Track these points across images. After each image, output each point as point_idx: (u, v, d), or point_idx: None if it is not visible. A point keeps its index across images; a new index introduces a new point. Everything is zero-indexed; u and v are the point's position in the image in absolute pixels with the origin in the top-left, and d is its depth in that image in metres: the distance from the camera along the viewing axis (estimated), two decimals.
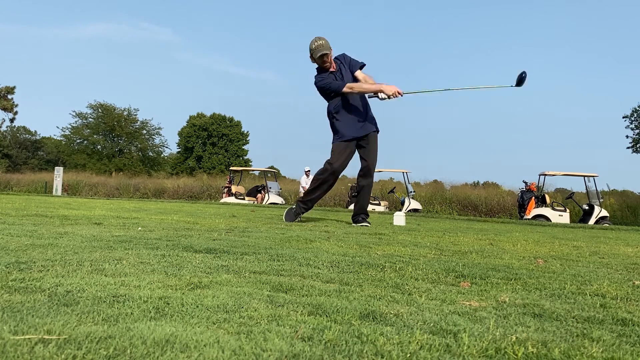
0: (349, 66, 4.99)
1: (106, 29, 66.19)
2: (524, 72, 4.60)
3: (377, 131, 4.97)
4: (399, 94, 4.73)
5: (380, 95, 4.77)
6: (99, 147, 41.86)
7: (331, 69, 4.93)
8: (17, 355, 0.79)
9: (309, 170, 17.60)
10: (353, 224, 4.85)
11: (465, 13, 68.30)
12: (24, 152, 50.47)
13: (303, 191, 17.16)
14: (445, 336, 1.02)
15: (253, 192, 18.08)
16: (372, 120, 4.98)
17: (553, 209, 14.14)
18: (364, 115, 4.91)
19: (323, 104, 5.03)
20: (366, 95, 4.97)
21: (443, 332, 1.05)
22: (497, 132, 61.01)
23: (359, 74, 4.97)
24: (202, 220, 4.34)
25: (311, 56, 4.90)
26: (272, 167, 27.11)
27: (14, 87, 33.75)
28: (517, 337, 1.02)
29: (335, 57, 5.01)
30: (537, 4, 65.49)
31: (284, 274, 1.67)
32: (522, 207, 14.51)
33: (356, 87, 4.82)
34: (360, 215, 4.97)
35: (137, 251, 2.05)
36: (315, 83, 4.93)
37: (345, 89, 4.79)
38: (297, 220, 4.93)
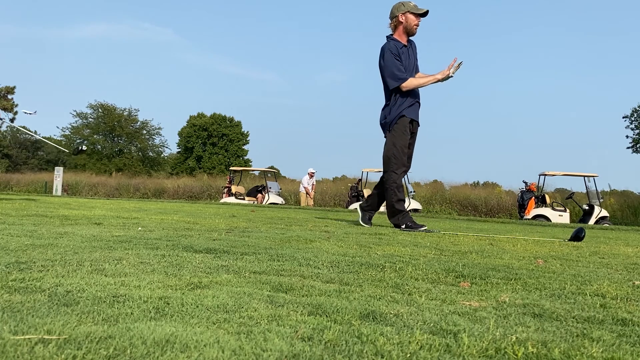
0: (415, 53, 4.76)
1: (107, 29, 66.25)
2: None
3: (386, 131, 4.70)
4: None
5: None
6: (99, 147, 41.84)
7: (405, 43, 4.65)
8: (17, 355, 0.79)
9: (313, 172, 17.35)
10: (361, 222, 4.77)
11: (464, 12, 68.34)
12: (24, 152, 50.47)
13: (304, 192, 17.13)
14: (445, 336, 1.02)
15: (253, 192, 18.06)
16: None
17: (553, 209, 14.14)
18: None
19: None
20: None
21: (443, 332, 1.05)
22: (497, 132, 60.99)
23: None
24: (202, 220, 4.34)
25: (402, 14, 4.56)
26: (272, 167, 27.12)
27: (14, 87, 33.77)
28: (517, 337, 1.02)
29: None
30: (537, 3, 65.54)
31: (284, 274, 1.67)
32: (522, 207, 14.52)
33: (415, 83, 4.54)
34: (371, 212, 4.84)
35: (137, 251, 2.05)
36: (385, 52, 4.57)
37: (405, 84, 4.49)
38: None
